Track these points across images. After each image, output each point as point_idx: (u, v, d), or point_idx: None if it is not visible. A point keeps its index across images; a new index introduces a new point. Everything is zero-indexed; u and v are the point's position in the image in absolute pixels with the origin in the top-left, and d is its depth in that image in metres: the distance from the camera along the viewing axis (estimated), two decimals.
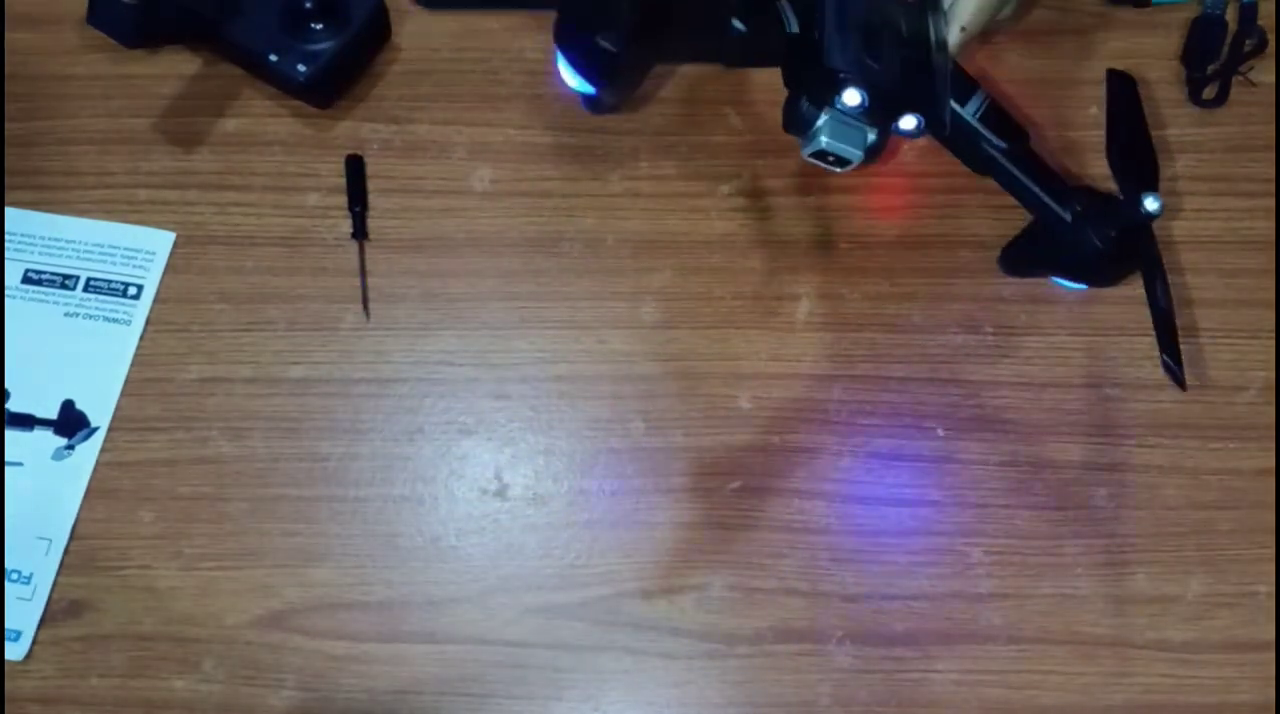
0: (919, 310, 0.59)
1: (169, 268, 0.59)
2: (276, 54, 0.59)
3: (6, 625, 0.53)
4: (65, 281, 0.58)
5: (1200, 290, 0.60)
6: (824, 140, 0.49)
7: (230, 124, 0.62)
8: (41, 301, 0.58)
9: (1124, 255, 0.54)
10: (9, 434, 0.56)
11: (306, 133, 0.62)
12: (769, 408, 0.57)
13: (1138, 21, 0.65)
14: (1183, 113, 0.63)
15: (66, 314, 0.58)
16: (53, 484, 0.55)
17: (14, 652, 0.52)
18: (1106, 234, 0.52)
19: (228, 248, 0.59)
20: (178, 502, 0.55)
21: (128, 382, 0.57)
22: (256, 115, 0.62)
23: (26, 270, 0.59)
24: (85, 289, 0.58)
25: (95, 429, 0.56)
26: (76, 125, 0.61)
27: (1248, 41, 0.64)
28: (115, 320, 0.58)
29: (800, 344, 0.59)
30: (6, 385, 0.56)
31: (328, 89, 0.61)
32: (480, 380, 0.58)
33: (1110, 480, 0.57)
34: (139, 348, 0.57)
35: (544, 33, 0.53)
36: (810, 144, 0.49)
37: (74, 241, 0.59)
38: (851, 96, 0.47)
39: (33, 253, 0.59)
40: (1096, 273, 0.55)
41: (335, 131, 0.62)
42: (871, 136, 0.49)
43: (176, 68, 0.62)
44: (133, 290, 0.58)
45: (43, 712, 0.52)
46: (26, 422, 0.56)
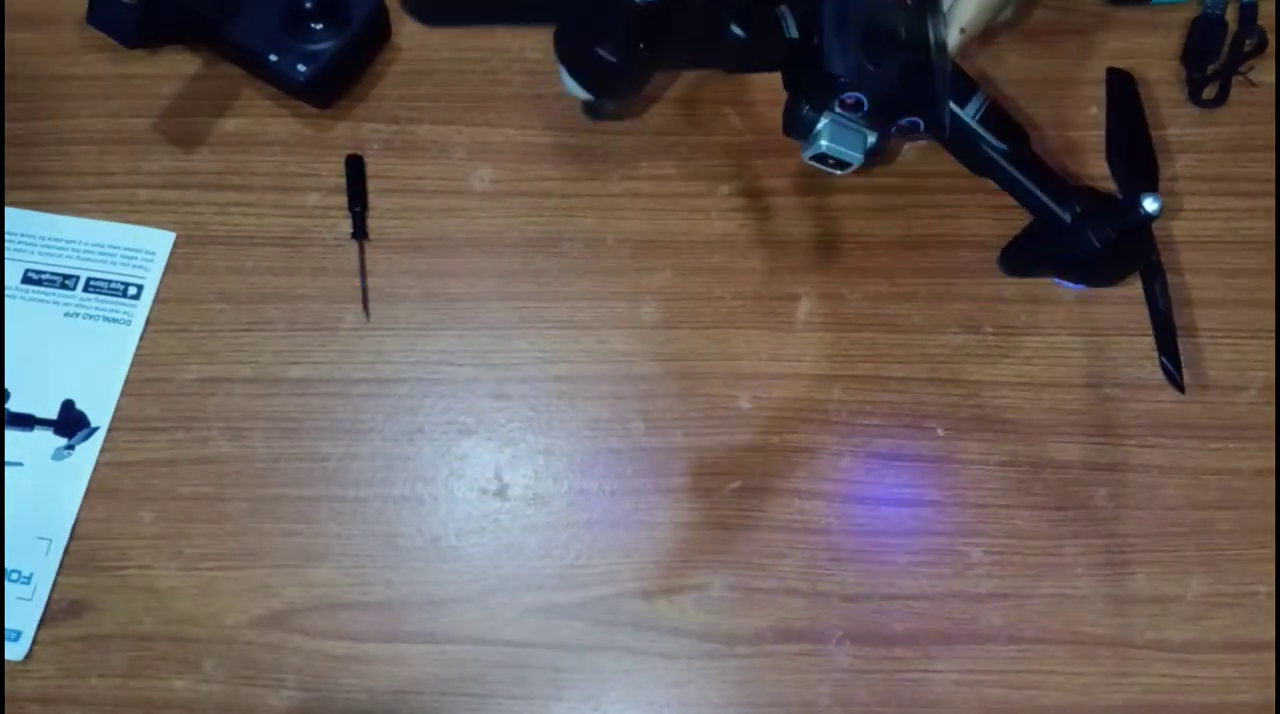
0: (919, 310, 0.59)
1: (169, 268, 0.59)
2: (276, 54, 0.59)
3: (6, 625, 0.53)
4: (65, 281, 0.58)
5: (1200, 290, 0.60)
6: (824, 144, 0.49)
7: (230, 124, 0.62)
8: (41, 301, 0.58)
9: (1123, 256, 0.54)
10: (9, 434, 0.56)
11: (306, 133, 0.62)
12: (769, 408, 0.57)
13: (1138, 21, 0.65)
14: (1183, 113, 0.63)
15: (66, 314, 0.58)
16: (53, 484, 0.55)
17: (14, 652, 0.52)
18: (1106, 235, 0.52)
19: (228, 248, 0.59)
20: (178, 502, 0.55)
21: (128, 382, 0.57)
22: (256, 115, 0.62)
23: (26, 270, 0.59)
24: (85, 289, 0.58)
25: (95, 429, 0.56)
26: (76, 125, 0.61)
27: (1248, 41, 0.64)
28: (115, 320, 0.58)
29: (800, 344, 0.59)
30: (6, 385, 0.56)
31: (328, 89, 0.61)
32: (480, 380, 0.58)
33: (1110, 480, 0.57)
34: (139, 348, 0.57)
35: (544, 33, 0.53)
36: (810, 147, 0.50)
37: (74, 241, 0.59)
38: (852, 101, 0.47)
39: (33, 253, 0.59)
40: (1096, 273, 0.55)
41: (335, 131, 0.62)
42: (871, 139, 0.50)
43: (176, 68, 0.62)
44: (133, 290, 0.58)
45: (43, 712, 0.52)
46: (26, 422, 0.56)
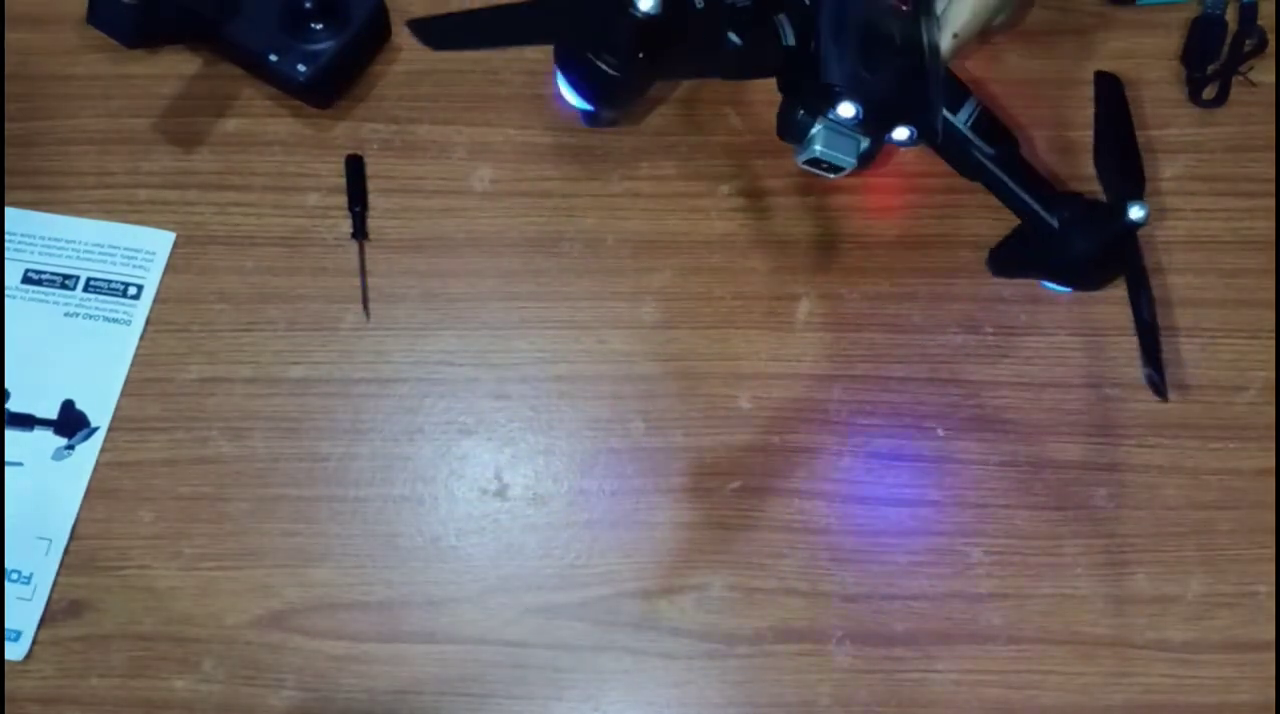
0: (919, 310, 0.59)
1: (169, 268, 0.59)
2: (276, 54, 0.59)
3: (6, 625, 0.53)
4: (65, 281, 0.58)
5: (1200, 290, 0.60)
6: (818, 149, 0.49)
7: (230, 124, 0.62)
8: (41, 301, 0.58)
9: (1110, 261, 0.54)
10: (9, 434, 0.56)
11: (306, 133, 0.62)
12: (769, 408, 0.57)
13: (1138, 21, 0.65)
14: (1183, 113, 0.63)
15: (66, 314, 0.58)
16: (53, 484, 0.55)
17: (14, 652, 0.52)
18: (1092, 241, 0.53)
19: (228, 248, 0.59)
20: (178, 502, 0.55)
21: (128, 382, 0.57)
22: (256, 115, 0.62)
23: (26, 270, 0.59)
24: (85, 289, 0.58)
25: (95, 429, 0.56)
26: (76, 125, 0.61)
27: (1248, 41, 0.64)
28: (115, 320, 0.58)
29: (800, 344, 0.59)
30: (6, 385, 0.56)
31: (328, 89, 0.61)
32: (480, 380, 0.58)
33: (1110, 480, 0.57)
34: (139, 348, 0.57)
35: None
36: (804, 152, 0.50)
37: (74, 241, 0.59)
38: (846, 109, 0.48)
39: (33, 253, 0.59)
40: (1082, 277, 0.55)
41: (335, 131, 0.62)
42: (865, 144, 0.50)
43: (176, 68, 0.62)
44: (133, 290, 0.58)
45: (43, 712, 0.52)
46: (26, 422, 0.56)
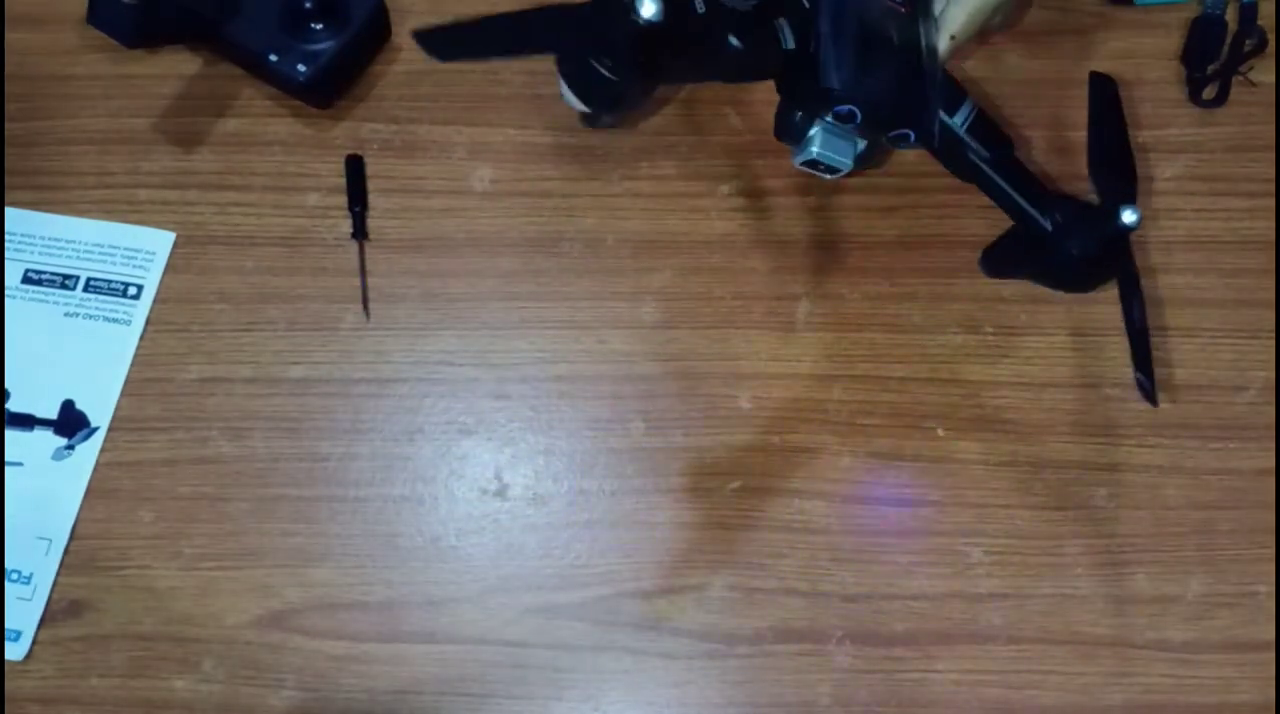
0: (919, 310, 0.59)
1: (169, 268, 0.59)
2: (276, 54, 0.59)
3: (6, 625, 0.53)
4: (65, 281, 0.58)
5: (1200, 290, 0.60)
6: (815, 150, 0.50)
7: (230, 124, 0.62)
8: (41, 301, 0.58)
9: (1102, 264, 0.54)
10: (9, 434, 0.56)
11: (306, 133, 0.62)
12: (769, 408, 0.57)
13: (1137, 21, 0.65)
14: (1183, 113, 0.63)
15: (66, 314, 0.58)
16: (53, 484, 0.55)
17: (14, 652, 0.52)
18: (1085, 244, 0.53)
19: (228, 248, 0.59)
20: (178, 502, 0.55)
21: (128, 382, 0.57)
22: (256, 115, 0.62)
23: (26, 270, 0.59)
24: (85, 289, 0.58)
25: (95, 429, 0.56)
26: (76, 125, 0.61)
27: (1248, 41, 0.64)
28: (115, 320, 0.58)
29: (800, 344, 0.59)
30: (6, 385, 0.56)
31: (328, 89, 0.61)
32: (480, 380, 0.58)
33: (1110, 480, 0.57)
34: (139, 348, 0.57)
35: None
36: (802, 153, 0.50)
37: (74, 241, 0.59)
38: (845, 113, 0.48)
39: (33, 253, 0.59)
40: (1074, 280, 0.55)
41: (335, 131, 0.62)
42: (861, 145, 0.50)
43: (176, 68, 0.62)
44: (133, 290, 0.58)
45: (43, 712, 0.52)
46: (26, 422, 0.56)
